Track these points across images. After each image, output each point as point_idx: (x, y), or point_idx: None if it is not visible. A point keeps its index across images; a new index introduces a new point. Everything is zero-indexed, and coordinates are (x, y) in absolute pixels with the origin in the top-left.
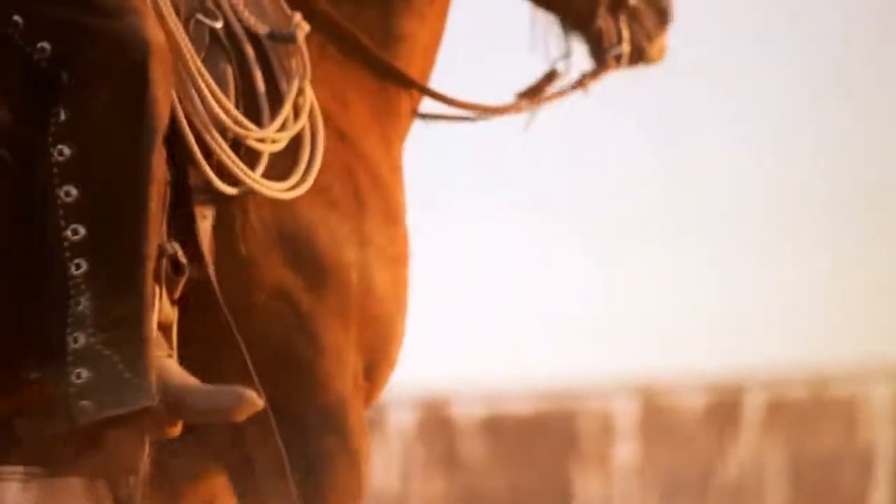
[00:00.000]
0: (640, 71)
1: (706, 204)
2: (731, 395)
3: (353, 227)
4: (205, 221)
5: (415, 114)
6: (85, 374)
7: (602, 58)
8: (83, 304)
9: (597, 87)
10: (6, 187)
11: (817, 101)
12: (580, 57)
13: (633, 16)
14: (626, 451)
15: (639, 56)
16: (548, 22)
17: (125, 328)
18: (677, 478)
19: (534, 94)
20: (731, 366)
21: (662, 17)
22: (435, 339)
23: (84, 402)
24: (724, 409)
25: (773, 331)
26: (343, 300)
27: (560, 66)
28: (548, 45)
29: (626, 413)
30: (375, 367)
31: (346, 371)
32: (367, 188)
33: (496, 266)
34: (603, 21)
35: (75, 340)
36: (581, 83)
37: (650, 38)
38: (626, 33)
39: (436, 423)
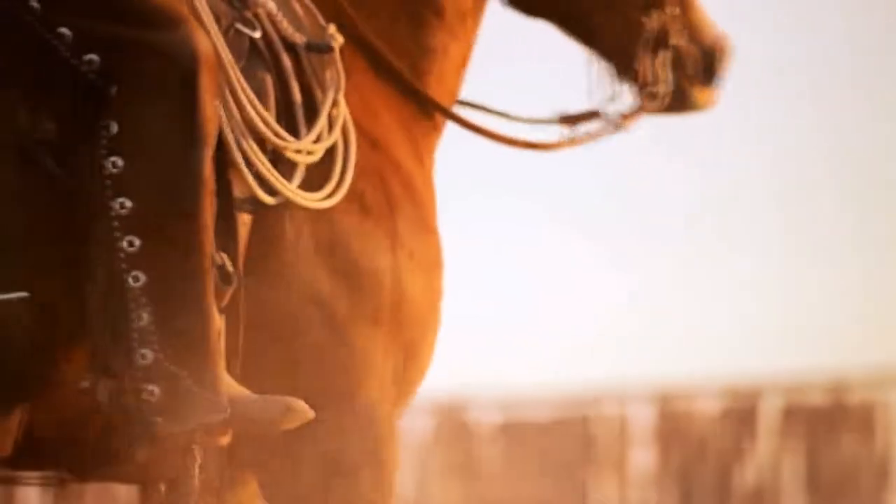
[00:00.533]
0: (687, 117)
1: (723, 209)
2: (747, 401)
3: (386, 233)
4: (242, 229)
5: (442, 127)
6: (156, 391)
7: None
8: (145, 318)
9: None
10: (54, 199)
11: (834, 106)
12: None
13: (677, 58)
14: (642, 457)
15: (681, 101)
16: (601, 61)
17: (191, 343)
18: (694, 483)
19: (570, 122)
20: (747, 371)
21: (711, 67)
22: (452, 345)
23: (158, 419)
24: (741, 414)
25: (791, 335)
26: (376, 305)
27: (606, 107)
28: (600, 83)
29: (642, 418)
30: (405, 371)
31: (376, 377)
32: (399, 194)
33: (513, 272)
34: (642, 61)
35: (143, 357)
36: (617, 124)
37: (693, 83)
38: (663, 74)
39: (452, 428)
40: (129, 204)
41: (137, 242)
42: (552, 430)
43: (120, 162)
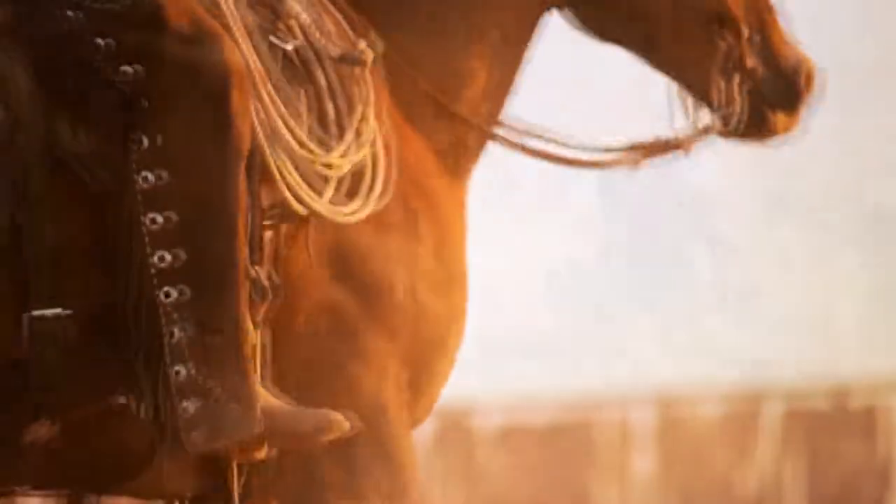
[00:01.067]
0: (766, 146)
1: (721, 211)
2: (749, 406)
3: (405, 250)
4: (268, 244)
5: (479, 148)
6: (192, 407)
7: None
8: (177, 334)
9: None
10: (91, 213)
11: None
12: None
13: (754, 82)
14: (643, 462)
15: (759, 126)
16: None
17: (224, 358)
18: (695, 488)
19: (648, 153)
20: (749, 376)
21: (790, 91)
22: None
23: (194, 434)
24: (743, 419)
25: (793, 340)
26: (391, 320)
27: (677, 130)
28: (672, 106)
29: (643, 423)
30: (419, 383)
31: (389, 384)
32: (421, 212)
33: (516, 276)
34: (715, 83)
35: (177, 374)
36: (677, 144)
37: (771, 108)
38: (738, 96)
39: (454, 433)
40: (159, 219)
41: (168, 258)
42: (553, 435)
43: (150, 177)
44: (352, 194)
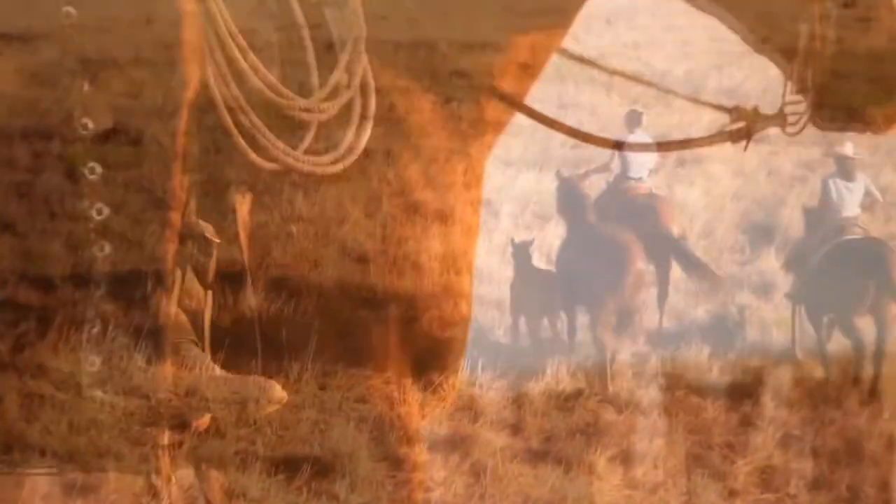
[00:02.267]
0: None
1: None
2: (755, 376)
3: (402, 230)
4: (242, 206)
5: (501, 120)
6: (97, 361)
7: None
8: (102, 288)
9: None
10: (28, 158)
11: None
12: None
13: (844, 66)
14: (649, 432)
15: (847, 117)
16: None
17: (140, 313)
18: (700, 455)
19: (739, 118)
20: (756, 346)
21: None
22: None
23: (97, 392)
24: (748, 390)
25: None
26: (393, 305)
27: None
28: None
29: (649, 395)
30: (429, 372)
31: (394, 379)
32: (421, 188)
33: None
34: (796, 68)
35: (92, 326)
36: (737, 133)
37: (868, 99)
38: (811, 83)
39: (459, 405)
40: (98, 169)
41: (105, 211)
42: (559, 407)
43: (91, 125)
44: (335, 142)
